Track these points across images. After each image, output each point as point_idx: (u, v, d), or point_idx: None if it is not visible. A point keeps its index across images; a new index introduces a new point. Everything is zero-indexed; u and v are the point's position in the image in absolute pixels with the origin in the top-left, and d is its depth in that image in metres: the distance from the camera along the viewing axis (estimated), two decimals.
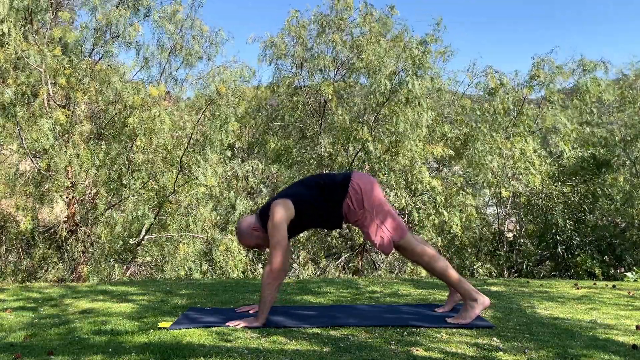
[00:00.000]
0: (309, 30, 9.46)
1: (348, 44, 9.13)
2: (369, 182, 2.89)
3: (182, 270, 8.11)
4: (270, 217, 2.79)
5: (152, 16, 8.83)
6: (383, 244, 2.83)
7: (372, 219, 2.83)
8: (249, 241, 2.96)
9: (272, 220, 2.77)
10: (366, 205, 2.82)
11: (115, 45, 8.48)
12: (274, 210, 2.79)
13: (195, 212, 8.16)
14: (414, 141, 8.31)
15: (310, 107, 9.71)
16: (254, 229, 2.92)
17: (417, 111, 8.33)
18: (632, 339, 2.50)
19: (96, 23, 8.22)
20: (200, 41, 9.60)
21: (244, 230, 2.94)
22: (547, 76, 9.50)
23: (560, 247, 9.31)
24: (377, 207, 2.84)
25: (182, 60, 9.50)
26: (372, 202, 2.84)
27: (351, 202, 2.83)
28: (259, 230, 2.91)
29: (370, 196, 2.84)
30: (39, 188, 7.84)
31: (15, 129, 7.50)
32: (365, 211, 2.82)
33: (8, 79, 7.30)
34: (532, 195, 9.70)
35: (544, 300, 3.61)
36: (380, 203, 2.86)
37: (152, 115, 7.58)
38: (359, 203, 2.83)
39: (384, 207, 2.87)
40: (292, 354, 2.20)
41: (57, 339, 2.56)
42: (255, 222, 2.93)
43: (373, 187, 2.88)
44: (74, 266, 7.96)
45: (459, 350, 2.28)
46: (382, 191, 2.97)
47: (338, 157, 9.24)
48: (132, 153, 8.00)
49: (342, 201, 2.84)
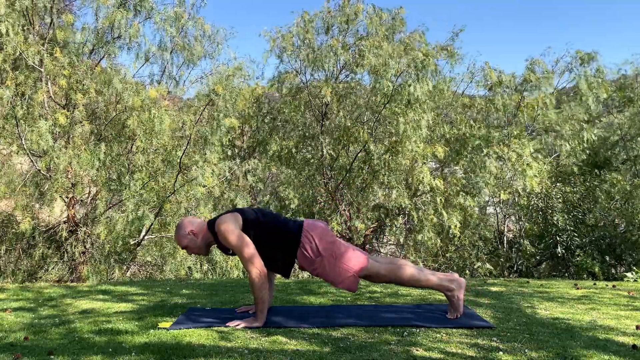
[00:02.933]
0: (315, 30, 9.42)
1: (349, 50, 9.08)
2: (320, 228, 2.93)
3: (182, 270, 8.11)
4: (221, 233, 2.83)
5: (154, 18, 8.82)
6: (349, 283, 2.87)
7: (332, 264, 2.86)
8: (181, 240, 2.97)
9: (224, 235, 2.82)
10: (322, 252, 2.86)
11: (116, 46, 8.48)
12: (221, 225, 2.83)
13: (195, 212, 8.16)
14: (415, 142, 8.31)
15: (312, 106, 9.70)
16: (192, 232, 2.94)
17: (418, 112, 8.33)
18: (632, 339, 2.50)
19: (98, 24, 8.22)
20: (202, 40, 9.59)
21: (182, 228, 2.96)
22: (538, 79, 9.42)
23: (560, 247, 9.31)
24: (332, 250, 2.87)
25: (183, 60, 9.49)
26: (327, 246, 2.87)
27: (306, 251, 2.87)
28: (197, 235, 2.94)
29: (324, 242, 2.88)
30: (38, 188, 7.84)
31: (15, 129, 7.50)
32: (323, 258, 2.86)
33: (7, 80, 7.30)
34: (532, 196, 9.69)
35: (544, 300, 3.61)
36: (334, 243, 2.90)
37: (151, 116, 7.58)
38: (314, 251, 2.86)
39: (339, 246, 2.91)
40: (292, 354, 2.20)
41: (57, 339, 2.56)
42: (197, 227, 2.95)
43: (325, 232, 2.93)
44: (74, 266, 7.95)
45: (459, 350, 2.28)
46: (331, 231, 3.03)
47: (339, 158, 9.22)
48: (132, 154, 8.00)
49: (295, 250, 2.88)
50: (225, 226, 2.83)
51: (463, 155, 8.99)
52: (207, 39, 9.72)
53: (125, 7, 8.40)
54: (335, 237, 2.98)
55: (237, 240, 2.81)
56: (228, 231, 2.81)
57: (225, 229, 2.82)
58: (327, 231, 2.94)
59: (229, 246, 2.85)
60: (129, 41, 8.44)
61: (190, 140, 8.02)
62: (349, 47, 9.13)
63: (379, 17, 9.20)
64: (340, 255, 2.88)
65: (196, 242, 2.95)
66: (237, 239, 2.81)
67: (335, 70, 9.34)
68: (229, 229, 2.82)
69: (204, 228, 2.95)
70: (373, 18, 9.12)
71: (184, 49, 9.41)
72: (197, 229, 2.94)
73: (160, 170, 8.05)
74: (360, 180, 9.07)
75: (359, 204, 9.39)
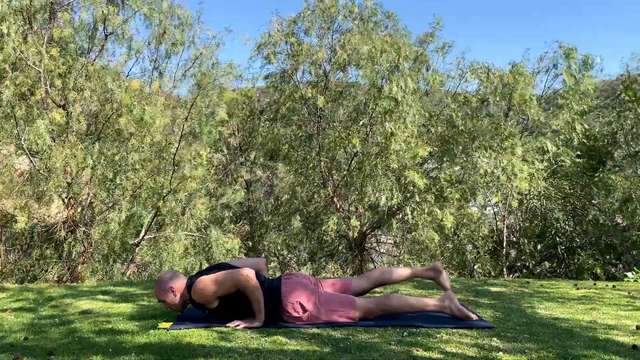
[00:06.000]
0: (296, 29, 9.43)
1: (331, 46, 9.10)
2: (300, 285, 2.90)
3: (181, 269, 8.11)
4: (205, 294, 2.83)
5: (141, 9, 8.69)
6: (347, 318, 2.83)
7: (319, 318, 2.81)
8: (159, 294, 2.99)
9: (207, 293, 2.83)
10: (309, 308, 2.83)
11: (109, 42, 8.47)
12: (198, 292, 2.85)
13: (192, 211, 8.15)
14: (403, 142, 8.27)
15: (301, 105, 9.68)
16: (172, 288, 2.95)
17: (403, 111, 8.28)
18: (632, 339, 2.50)
19: (92, 19, 8.19)
20: (183, 27, 9.34)
21: (163, 283, 2.98)
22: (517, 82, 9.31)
23: (560, 247, 9.31)
24: (319, 303, 2.83)
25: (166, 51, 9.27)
26: (312, 300, 2.84)
27: (293, 311, 2.83)
28: (175, 292, 2.95)
29: (307, 297, 2.85)
30: (36, 188, 7.83)
31: (14, 129, 7.50)
32: (310, 313, 2.82)
33: (6, 80, 7.29)
34: (527, 197, 9.66)
35: (544, 300, 3.61)
36: (319, 297, 2.86)
37: (141, 112, 7.55)
38: (301, 308, 2.83)
39: (325, 298, 2.87)
40: (292, 354, 2.20)
41: (57, 339, 2.56)
42: (178, 285, 2.96)
43: (307, 288, 2.89)
44: (74, 266, 7.95)
45: (459, 351, 2.28)
46: (312, 282, 2.98)
47: (334, 159, 9.23)
48: (127, 153, 7.99)
49: (280, 313, 2.84)
50: (196, 286, 2.85)
51: (455, 154, 8.95)
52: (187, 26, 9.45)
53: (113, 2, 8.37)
54: (314, 287, 2.96)
55: (213, 283, 2.81)
56: (201, 290, 2.83)
57: (197, 289, 2.85)
58: (307, 288, 2.90)
59: (207, 296, 2.83)
60: (122, 35, 8.40)
61: (182, 136, 8.01)
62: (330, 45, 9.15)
63: (350, 11, 9.20)
64: (328, 305, 2.84)
65: (174, 300, 2.96)
66: (207, 285, 2.82)
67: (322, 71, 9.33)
68: (200, 287, 2.84)
69: (183, 286, 2.96)
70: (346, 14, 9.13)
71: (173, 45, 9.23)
72: (177, 287, 2.96)
73: (156, 168, 8.04)
74: (357, 180, 9.06)
75: (357, 204, 9.39)
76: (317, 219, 9.77)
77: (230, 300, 2.85)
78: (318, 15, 9.24)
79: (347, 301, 2.88)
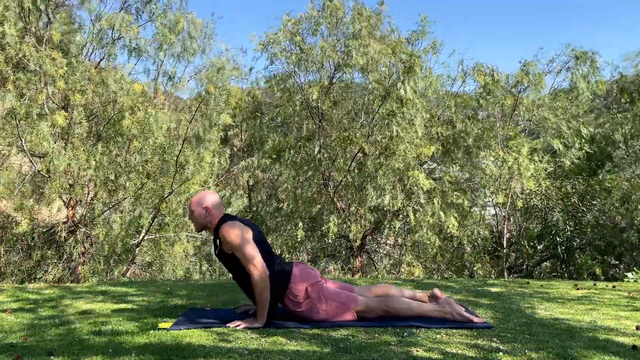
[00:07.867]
0: (302, 30, 9.42)
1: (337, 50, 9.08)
2: (310, 273, 2.93)
3: (181, 270, 8.11)
4: (224, 230, 2.83)
5: (155, 22, 8.80)
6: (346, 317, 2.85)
7: (319, 310, 2.83)
8: (195, 205, 2.97)
9: (226, 233, 2.82)
10: (312, 295, 2.85)
11: (116, 48, 8.48)
12: (226, 225, 2.84)
13: None
14: (408, 143, 8.28)
15: (305, 106, 9.69)
16: (208, 209, 2.95)
17: (410, 113, 8.29)
18: (632, 339, 2.50)
19: (98, 26, 8.22)
20: (194, 35, 9.47)
21: (204, 199, 2.97)
22: (530, 81, 9.33)
23: (560, 247, 9.30)
24: (322, 294, 2.86)
25: (177, 58, 9.39)
26: (316, 289, 2.86)
27: (298, 294, 2.85)
28: (207, 216, 2.94)
29: (313, 285, 2.87)
30: (38, 189, 7.84)
31: (15, 130, 7.50)
32: (311, 300, 2.84)
33: (8, 83, 7.30)
34: (530, 197, 9.67)
35: (544, 300, 3.61)
36: (322, 288, 2.88)
37: (146, 115, 7.58)
38: (305, 293, 2.85)
39: (328, 291, 2.89)
40: (292, 355, 2.20)
41: (57, 340, 2.56)
42: (214, 209, 2.94)
43: (315, 278, 2.92)
44: (74, 267, 7.96)
45: (459, 351, 2.28)
46: (318, 276, 3.00)
47: (336, 160, 9.21)
48: (129, 154, 8.00)
49: (284, 295, 2.86)
50: (229, 226, 2.84)
51: (457, 155, 8.95)
52: (199, 33, 9.59)
53: (127, 10, 8.42)
54: (323, 280, 2.98)
55: (238, 238, 2.81)
56: (230, 231, 2.82)
57: (228, 228, 2.83)
58: (317, 280, 2.93)
59: (228, 245, 2.83)
60: (130, 42, 8.44)
61: (185, 139, 8.02)
62: (338, 48, 9.13)
63: (359, 14, 9.19)
64: (332, 298, 2.86)
65: (200, 219, 2.96)
66: (237, 237, 2.81)
67: (327, 72, 9.33)
68: (233, 230, 2.82)
69: (217, 217, 2.96)
70: (355, 16, 9.11)
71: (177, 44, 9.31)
72: (212, 213, 2.95)
73: (158, 169, 8.05)
74: (358, 181, 9.05)
75: (357, 205, 9.38)
76: (317, 219, 9.77)
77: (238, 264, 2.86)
78: (324, 17, 9.23)
79: (349, 296, 2.91)
